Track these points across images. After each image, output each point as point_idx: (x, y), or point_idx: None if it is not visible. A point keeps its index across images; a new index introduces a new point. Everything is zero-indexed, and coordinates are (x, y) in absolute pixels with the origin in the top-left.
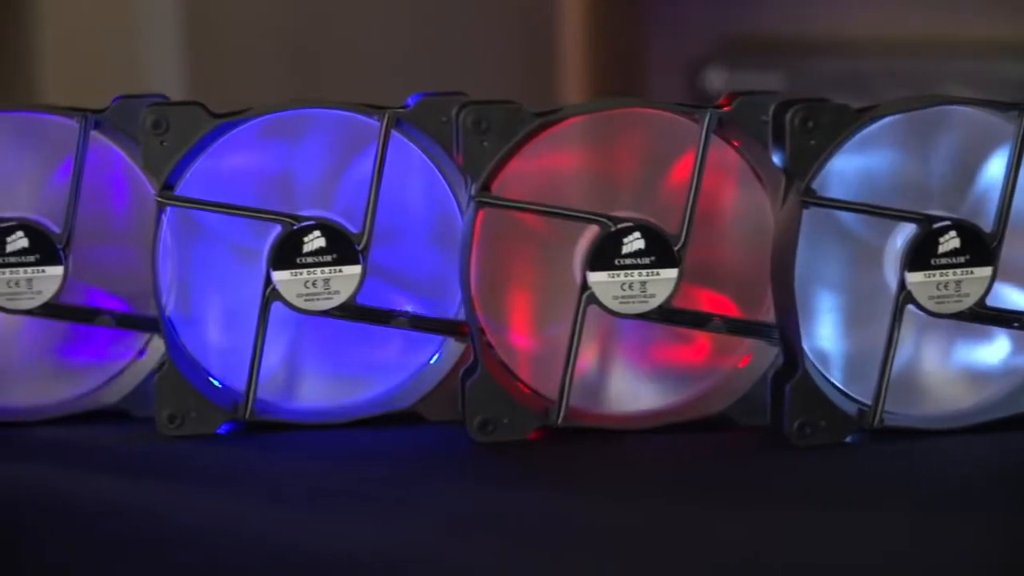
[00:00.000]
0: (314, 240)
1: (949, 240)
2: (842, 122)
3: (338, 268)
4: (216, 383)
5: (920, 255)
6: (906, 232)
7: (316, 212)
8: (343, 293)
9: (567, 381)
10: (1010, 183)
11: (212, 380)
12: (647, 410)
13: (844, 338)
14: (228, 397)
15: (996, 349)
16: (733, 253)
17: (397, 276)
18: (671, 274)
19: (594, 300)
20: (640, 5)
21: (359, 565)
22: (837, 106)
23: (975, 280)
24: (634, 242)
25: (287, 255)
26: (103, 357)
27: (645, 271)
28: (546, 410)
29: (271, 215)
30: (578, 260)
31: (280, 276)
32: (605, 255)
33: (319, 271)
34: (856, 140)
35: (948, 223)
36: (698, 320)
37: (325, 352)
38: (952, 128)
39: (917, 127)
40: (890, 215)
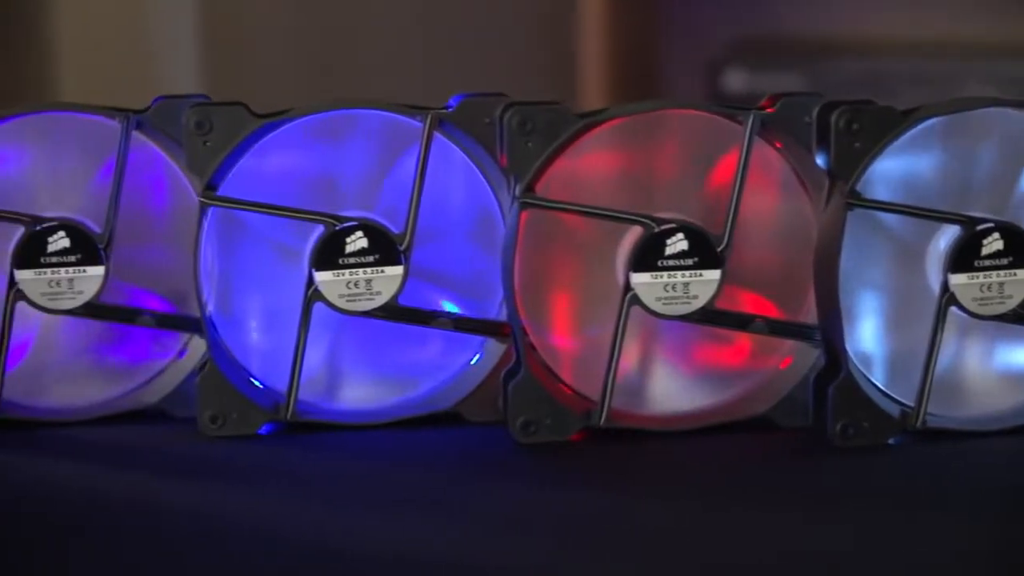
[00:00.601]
0: (357, 241)
1: (992, 242)
2: (887, 124)
3: (380, 269)
4: (257, 383)
5: (963, 257)
6: (949, 234)
7: (358, 213)
8: (385, 294)
9: (610, 382)
10: None
11: (253, 381)
12: (688, 411)
13: (886, 340)
14: (269, 398)
15: None
16: (774, 254)
17: (438, 277)
18: (714, 275)
19: (637, 301)
20: (660, 7)
21: (401, 566)
22: (882, 108)
23: (1018, 282)
24: (677, 243)
25: (329, 256)
26: (143, 357)
27: (688, 272)
28: (588, 411)
29: (314, 215)
30: (621, 261)
31: (322, 277)
32: (648, 256)
33: (361, 272)
34: (898, 141)
35: (991, 225)
36: (740, 321)
37: (366, 353)
38: (994, 130)
39: (959, 129)
40: (934, 217)
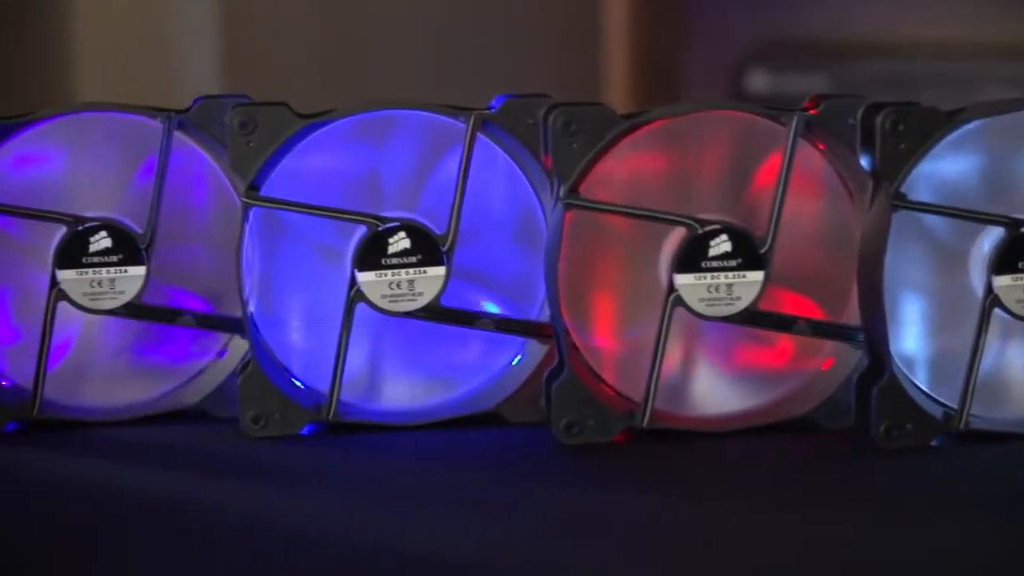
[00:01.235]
0: (399, 241)
1: None
2: (932, 125)
3: (423, 269)
4: (299, 384)
5: (1007, 259)
6: (992, 236)
7: (400, 213)
8: (427, 294)
9: (653, 383)
10: None
11: (295, 381)
12: (731, 412)
13: (929, 341)
14: (311, 398)
15: None
16: (816, 255)
17: (480, 277)
18: (757, 276)
19: (681, 302)
20: (683, 10)
21: (444, 566)
22: (927, 109)
23: None
24: (721, 244)
25: (372, 256)
26: (183, 357)
27: (732, 273)
28: (630, 412)
29: (357, 216)
30: (664, 262)
31: (365, 277)
32: (692, 258)
33: (404, 272)
34: (940, 143)
35: None
36: (783, 323)
37: (408, 353)
38: None
39: (1001, 130)
40: (978, 219)
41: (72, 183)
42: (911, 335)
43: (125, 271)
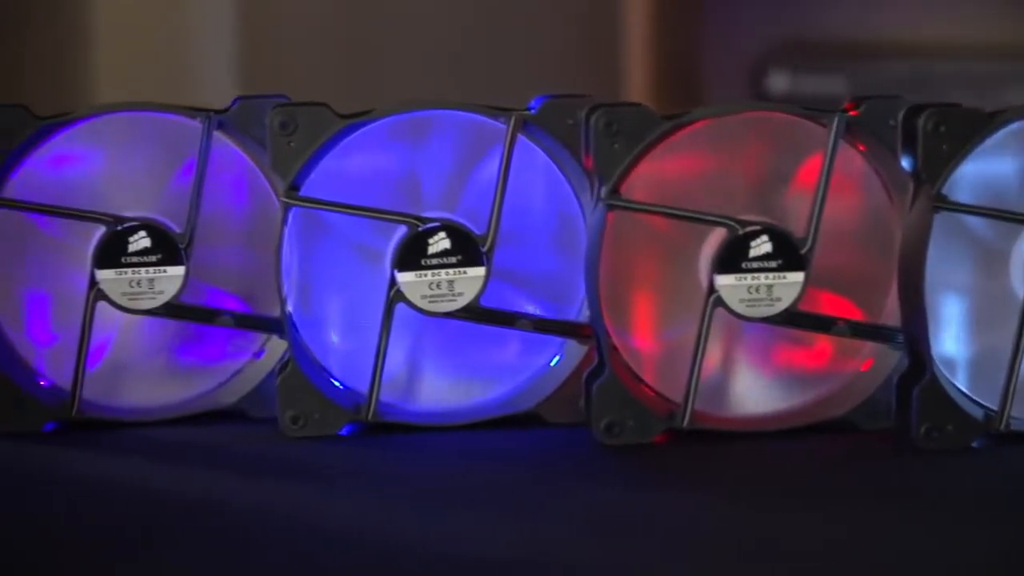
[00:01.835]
0: (439, 241)
1: None
2: (974, 126)
3: (463, 270)
4: (338, 384)
5: None
6: None
7: (439, 213)
8: (467, 295)
9: (693, 383)
10: None
11: (334, 381)
12: (770, 413)
13: (969, 342)
14: (350, 398)
15: None
16: (856, 256)
17: (519, 278)
18: (798, 277)
19: (721, 303)
20: (703, 10)
21: (483, 566)
22: (970, 111)
23: None
24: (762, 245)
25: (412, 256)
26: (221, 357)
27: (772, 274)
28: (670, 413)
29: (397, 216)
30: (704, 263)
31: (404, 277)
32: (732, 258)
33: (443, 272)
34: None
35: None
36: (823, 324)
37: (446, 354)
38: None
39: None
40: (1020, 220)
41: (111, 183)
42: (951, 336)
43: (164, 271)
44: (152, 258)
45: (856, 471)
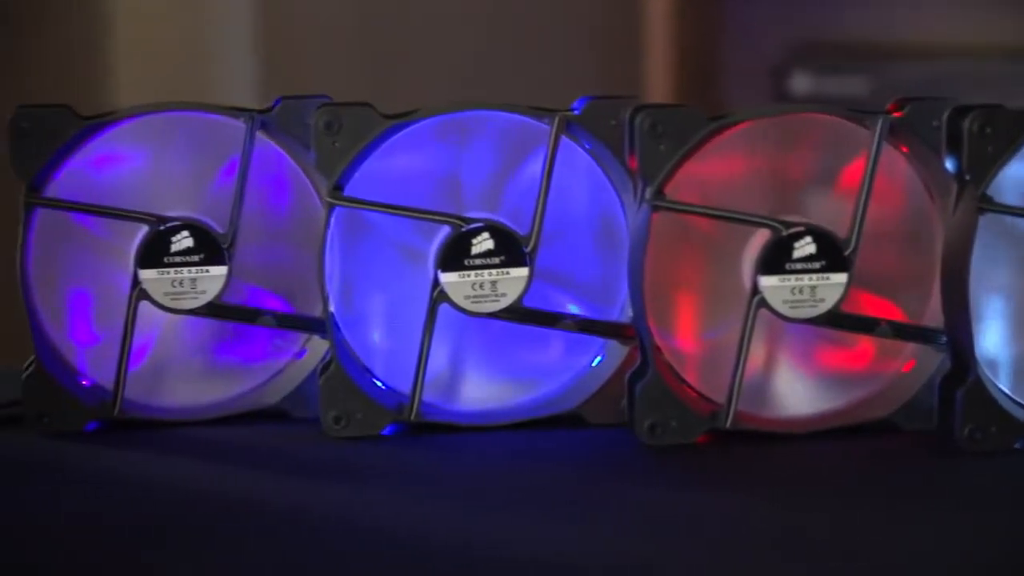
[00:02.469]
0: (483, 242)
1: None
2: (1019, 128)
3: (506, 270)
4: (380, 384)
5: None
6: None
7: (483, 214)
8: (510, 295)
9: (737, 384)
10: None
11: (376, 381)
12: (812, 414)
13: (1012, 344)
14: (392, 398)
15: None
16: (898, 257)
17: (562, 278)
18: (841, 279)
19: (764, 304)
20: (724, 12)
21: (525, 566)
22: (1015, 112)
23: None
24: (805, 246)
25: (455, 257)
26: (262, 357)
27: (815, 275)
28: (712, 413)
29: (441, 216)
30: (748, 264)
31: (448, 278)
32: (776, 259)
33: (487, 273)
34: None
35: None
36: (866, 325)
37: (489, 354)
38: None
39: None
40: None
41: (154, 183)
42: (994, 338)
43: (207, 271)
44: (195, 258)
45: (899, 472)
